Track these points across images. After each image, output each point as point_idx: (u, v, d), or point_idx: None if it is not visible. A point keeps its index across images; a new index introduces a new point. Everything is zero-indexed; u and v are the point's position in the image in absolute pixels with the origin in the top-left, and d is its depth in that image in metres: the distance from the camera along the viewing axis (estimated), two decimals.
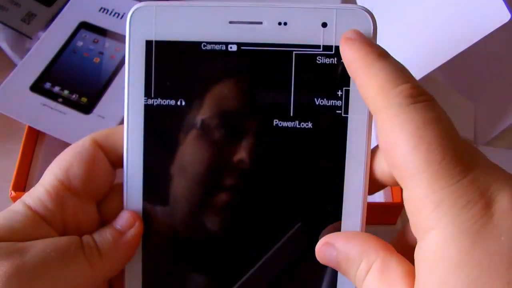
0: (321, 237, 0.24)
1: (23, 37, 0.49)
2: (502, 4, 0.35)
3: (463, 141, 0.20)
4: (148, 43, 0.25)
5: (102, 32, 0.47)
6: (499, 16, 0.35)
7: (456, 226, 0.18)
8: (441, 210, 0.18)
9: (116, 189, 0.27)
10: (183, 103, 0.25)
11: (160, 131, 0.25)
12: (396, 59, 0.22)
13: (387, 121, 0.20)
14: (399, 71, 0.21)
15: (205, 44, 0.24)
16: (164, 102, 0.25)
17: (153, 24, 0.24)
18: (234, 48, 0.24)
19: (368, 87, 0.21)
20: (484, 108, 0.50)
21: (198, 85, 0.25)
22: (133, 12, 0.25)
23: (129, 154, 0.25)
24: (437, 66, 0.39)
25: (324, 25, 0.24)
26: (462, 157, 0.19)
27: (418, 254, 0.19)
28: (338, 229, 0.24)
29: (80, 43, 0.46)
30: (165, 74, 0.25)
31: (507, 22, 0.35)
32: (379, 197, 0.41)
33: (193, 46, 0.24)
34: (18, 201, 0.25)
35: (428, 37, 0.41)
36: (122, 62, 0.45)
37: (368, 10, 0.23)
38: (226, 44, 0.24)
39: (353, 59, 0.22)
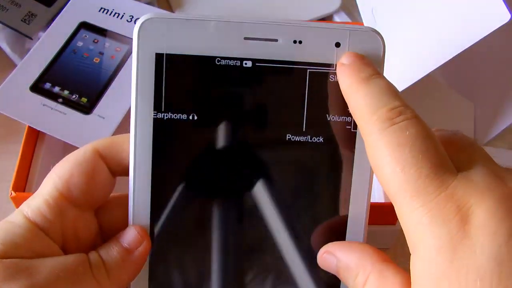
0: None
1: (23, 37, 0.49)
2: (502, 4, 0.35)
3: (441, 154, 0.20)
4: (158, 56, 0.24)
5: (102, 32, 0.47)
6: (499, 16, 0.35)
7: (436, 242, 0.19)
8: (421, 227, 0.19)
9: (116, 200, 0.26)
10: (195, 117, 0.25)
11: (169, 146, 0.25)
12: (396, 59, 0.23)
13: (370, 147, 0.22)
14: (380, 94, 0.22)
15: (220, 59, 0.24)
16: (175, 116, 0.24)
17: (164, 36, 0.24)
18: (249, 64, 0.24)
19: (354, 114, 0.23)
20: (484, 108, 0.50)
21: (211, 100, 0.25)
22: (142, 23, 0.24)
23: (136, 168, 0.25)
24: (437, 66, 0.39)
25: (338, 45, 0.24)
26: (438, 172, 0.20)
27: (411, 266, 0.20)
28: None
29: (80, 43, 0.46)
30: (176, 88, 0.24)
31: (507, 22, 0.35)
32: (379, 197, 0.41)
33: (207, 61, 0.24)
34: (17, 211, 0.24)
35: (428, 37, 0.41)
36: (122, 63, 0.45)
37: (378, 32, 0.24)
38: (241, 60, 0.24)
39: (342, 87, 0.24)
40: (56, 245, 0.24)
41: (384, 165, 0.20)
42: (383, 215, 0.39)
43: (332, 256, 0.24)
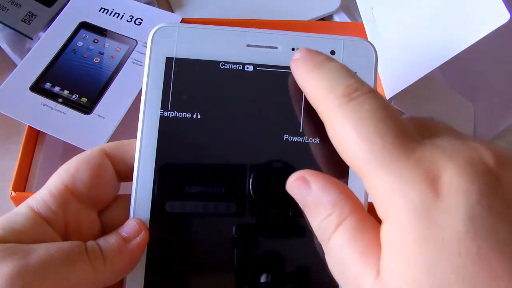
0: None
1: (23, 37, 0.49)
2: (502, 4, 0.35)
3: (404, 124, 0.20)
4: (169, 60, 0.26)
5: (102, 32, 0.47)
6: (499, 16, 0.35)
7: (409, 206, 0.19)
8: (392, 194, 0.19)
9: (119, 201, 0.27)
10: (199, 116, 0.26)
11: (173, 143, 0.26)
12: (396, 59, 0.23)
13: (331, 125, 0.21)
14: (334, 75, 0.22)
15: (224, 63, 0.26)
16: (180, 115, 0.26)
17: (175, 42, 0.26)
18: (250, 68, 0.26)
19: (312, 99, 0.23)
20: (484, 108, 0.50)
21: (215, 100, 0.26)
22: (156, 30, 0.26)
23: (140, 162, 0.26)
24: (437, 66, 0.39)
25: (333, 53, 0.26)
26: (402, 139, 0.20)
27: (382, 234, 0.20)
28: None
29: (80, 43, 0.46)
30: (183, 89, 0.26)
31: (507, 22, 0.35)
32: None
33: (212, 65, 0.26)
34: (22, 203, 0.25)
35: (428, 37, 0.41)
36: (122, 63, 0.45)
37: (370, 42, 0.26)
38: (243, 64, 0.26)
39: (297, 78, 0.23)
40: (58, 235, 0.24)
41: (347, 140, 0.20)
42: None
43: (306, 185, 0.22)
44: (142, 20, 0.48)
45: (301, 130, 0.26)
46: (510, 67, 0.50)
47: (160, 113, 0.26)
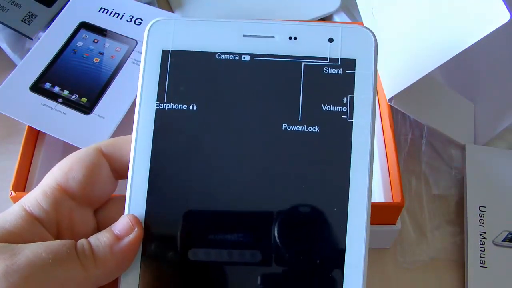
0: None
1: (23, 37, 0.49)
2: (502, 4, 0.35)
3: None
4: (165, 52, 0.26)
5: (102, 32, 0.47)
6: (499, 16, 0.35)
7: None
8: None
9: (116, 199, 0.26)
10: (195, 107, 0.26)
11: (169, 135, 0.26)
12: (396, 59, 0.23)
13: None
14: None
15: (220, 54, 0.26)
16: (176, 106, 0.26)
17: (171, 35, 0.26)
18: (247, 58, 0.26)
19: None
20: (484, 108, 0.50)
21: (211, 91, 0.26)
22: (152, 24, 0.26)
23: (136, 156, 0.25)
24: (437, 66, 0.39)
25: (331, 40, 0.26)
26: None
27: None
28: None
29: (80, 43, 0.46)
30: (179, 81, 0.26)
31: (507, 22, 0.35)
32: (379, 197, 0.41)
33: (208, 56, 0.26)
34: (16, 203, 0.24)
35: (428, 37, 0.41)
36: (122, 63, 0.45)
37: (370, 29, 0.26)
38: (240, 54, 0.26)
39: None
40: (50, 235, 0.24)
41: None
42: (383, 215, 0.39)
43: None
44: (142, 20, 0.48)
45: (300, 119, 0.26)
46: (510, 67, 0.50)
47: (156, 106, 0.26)
